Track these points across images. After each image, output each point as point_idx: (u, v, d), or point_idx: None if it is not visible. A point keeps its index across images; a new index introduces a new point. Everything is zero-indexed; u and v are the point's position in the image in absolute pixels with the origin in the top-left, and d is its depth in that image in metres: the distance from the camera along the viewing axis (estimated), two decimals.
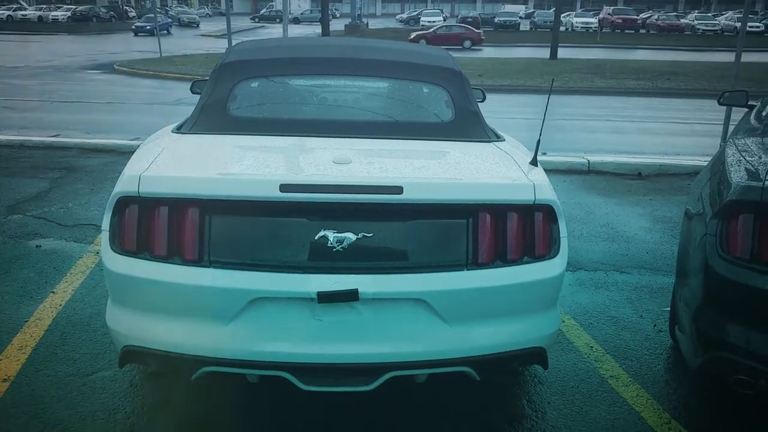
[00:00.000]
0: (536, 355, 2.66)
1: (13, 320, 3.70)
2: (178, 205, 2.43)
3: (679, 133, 11.43)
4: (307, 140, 2.94)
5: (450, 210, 2.49)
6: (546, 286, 2.59)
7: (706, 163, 3.54)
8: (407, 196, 2.41)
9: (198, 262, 2.41)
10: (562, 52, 27.04)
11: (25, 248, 4.84)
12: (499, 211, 2.51)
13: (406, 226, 2.46)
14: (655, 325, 3.88)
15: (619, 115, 13.38)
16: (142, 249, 2.46)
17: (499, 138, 3.23)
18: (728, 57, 30.14)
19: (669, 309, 3.83)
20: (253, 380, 2.61)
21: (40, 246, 4.90)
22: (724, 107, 7.56)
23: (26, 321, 3.70)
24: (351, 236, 2.40)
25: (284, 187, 2.37)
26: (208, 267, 2.40)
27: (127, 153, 8.11)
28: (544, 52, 26.99)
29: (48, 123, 10.37)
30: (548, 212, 2.57)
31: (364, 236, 2.40)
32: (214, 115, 3.10)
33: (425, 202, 2.45)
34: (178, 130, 3.12)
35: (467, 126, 3.19)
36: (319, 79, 3.46)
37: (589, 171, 7.88)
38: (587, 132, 11.20)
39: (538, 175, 2.70)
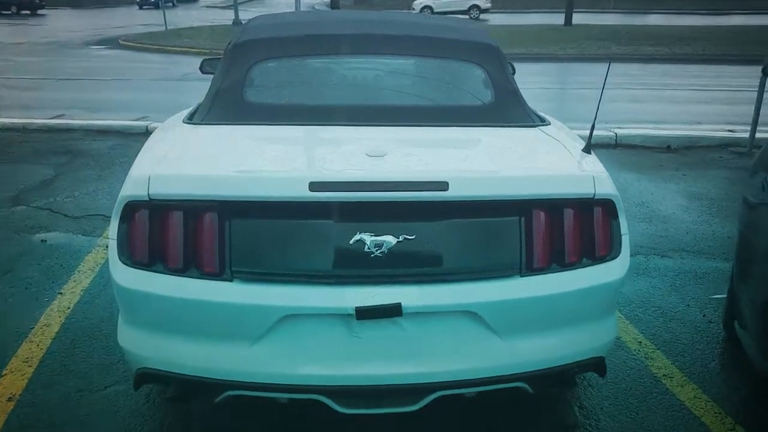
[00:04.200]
0: (594, 365, 2.40)
1: (18, 327, 3.45)
2: (194, 209, 2.16)
3: (700, 101, 11.04)
4: (334, 129, 2.66)
5: (501, 207, 2.21)
6: (607, 291, 2.31)
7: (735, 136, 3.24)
8: (454, 192, 2.13)
9: (218, 275, 2.14)
10: (576, 18, 26.36)
11: (29, 243, 4.58)
12: (554, 207, 2.23)
13: (453, 227, 2.18)
14: (704, 315, 3.61)
15: (638, 83, 12.96)
16: (154, 261, 2.19)
17: (543, 121, 2.92)
18: (747, 20, 29.43)
19: (717, 297, 3.56)
20: (284, 401, 2.36)
21: (45, 240, 4.63)
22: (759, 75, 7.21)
23: (32, 328, 3.44)
24: (390, 240, 2.12)
25: (314, 185, 2.10)
26: (231, 281, 2.14)
27: (134, 135, 7.90)
28: (557, 18, 26.37)
29: (52, 102, 10.07)
30: (609, 207, 2.29)
31: (405, 239, 2.13)
32: (229, 103, 2.81)
33: (474, 199, 2.17)
34: (190, 120, 2.83)
35: (508, 108, 2.88)
36: (346, 59, 3.14)
37: (617, 144, 7.56)
38: (607, 101, 10.78)
39: (595, 165, 2.42)
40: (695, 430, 2.71)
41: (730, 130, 7.98)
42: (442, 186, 2.12)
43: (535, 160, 2.47)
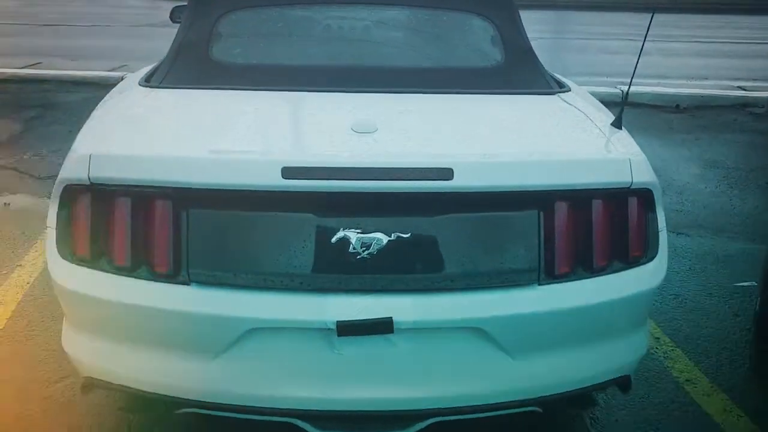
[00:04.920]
0: (619, 383, 2.05)
1: None
2: (144, 196, 1.77)
3: (704, 54, 10.51)
4: (314, 97, 2.24)
5: (516, 200, 1.82)
6: (641, 301, 1.95)
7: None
8: (459, 181, 1.74)
9: (172, 276, 1.77)
10: None
11: None
12: (580, 199, 1.84)
13: (456, 224, 1.80)
14: (729, 307, 3.27)
15: (638, 34, 12.36)
16: (98, 255, 1.81)
17: (562, 87, 2.51)
18: None
19: (744, 285, 3.21)
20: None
21: (8, 204, 4.26)
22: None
23: None
24: (381, 238, 1.74)
25: (288, 172, 1.70)
26: (187, 284, 1.76)
27: (110, 86, 7.30)
28: None
29: (30, 49, 9.48)
30: (646, 198, 1.91)
31: (398, 238, 1.75)
32: (193, 62, 2.38)
33: (484, 190, 1.78)
34: (147, 82, 2.40)
35: (522, 71, 2.47)
36: (331, 10, 2.69)
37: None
38: (607, 53, 10.29)
39: (630, 145, 2.03)
40: None
41: (740, 87, 7.54)
42: (446, 174, 1.73)
43: (558, 138, 2.08)
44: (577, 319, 1.86)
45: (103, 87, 7.14)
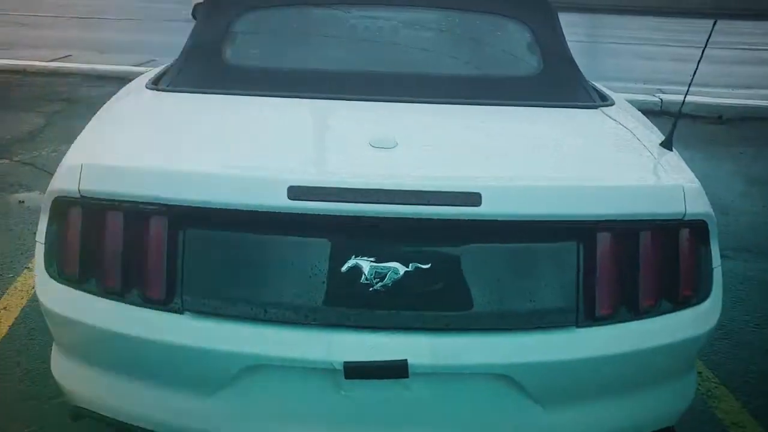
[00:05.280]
0: None
1: None
2: (137, 212, 1.60)
3: (749, 62, 10.11)
4: (331, 105, 2.05)
5: (552, 230, 1.61)
6: (691, 346, 1.73)
7: None
8: (488, 208, 1.53)
9: (165, 303, 1.59)
10: None
11: (5, 204, 4.10)
12: (626, 230, 1.63)
13: (484, 256, 1.60)
14: None
15: (677, 40, 11.98)
16: (87, 276, 1.64)
17: (605, 100, 2.28)
18: None
19: None
20: None
21: (23, 202, 4.16)
22: None
23: None
24: (397, 269, 1.55)
25: (294, 191, 1.52)
26: (180, 313, 1.59)
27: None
28: None
29: (60, 42, 9.50)
30: (699, 230, 1.69)
31: (417, 269, 1.55)
32: (205, 63, 2.21)
33: (515, 219, 1.58)
34: (155, 84, 2.24)
35: (561, 81, 2.25)
36: (353, 11, 2.50)
37: (662, 112, 6.79)
38: (643, 59, 9.95)
39: (682, 170, 1.80)
40: None
41: None
42: (473, 199, 1.53)
43: (601, 160, 1.86)
44: (618, 366, 1.64)
45: (128, 82, 7.15)
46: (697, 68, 1.94)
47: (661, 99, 6.92)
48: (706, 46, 1.92)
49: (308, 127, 1.93)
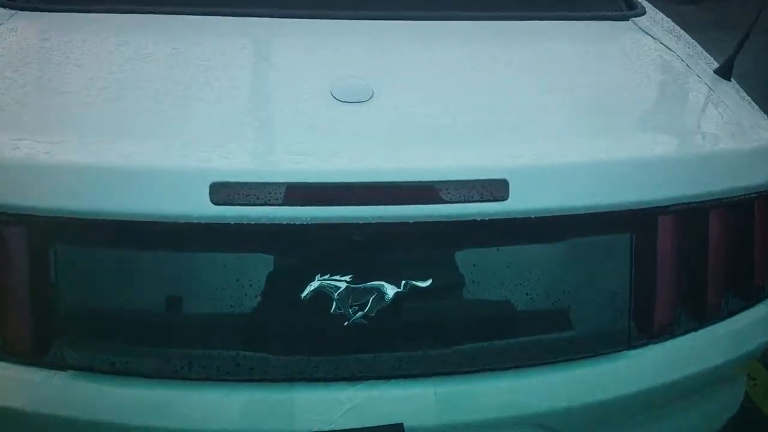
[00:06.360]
0: None
1: None
2: None
3: None
4: (266, 30, 1.44)
5: (599, 226, 1.13)
6: (758, 351, 1.33)
7: None
8: (516, 203, 1.04)
9: (37, 356, 1.07)
10: None
11: None
12: (695, 213, 1.18)
13: (504, 267, 1.11)
14: None
15: None
16: None
17: (633, 8, 1.71)
18: None
19: None
20: None
21: None
22: None
23: None
24: (385, 291, 1.06)
25: (219, 193, 0.99)
26: (62, 370, 1.07)
27: None
28: None
29: None
30: None
31: (412, 290, 1.06)
32: None
33: (553, 214, 1.08)
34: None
35: None
36: None
37: None
38: None
39: (753, 115, 1.35)
40: None
41: None
42: (498, 190, 1.02)
43: (656, 111, 1.33)
44: (677, 389, 1.24)
45: None
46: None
47: None
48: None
49: (234, 73, 1.29)
